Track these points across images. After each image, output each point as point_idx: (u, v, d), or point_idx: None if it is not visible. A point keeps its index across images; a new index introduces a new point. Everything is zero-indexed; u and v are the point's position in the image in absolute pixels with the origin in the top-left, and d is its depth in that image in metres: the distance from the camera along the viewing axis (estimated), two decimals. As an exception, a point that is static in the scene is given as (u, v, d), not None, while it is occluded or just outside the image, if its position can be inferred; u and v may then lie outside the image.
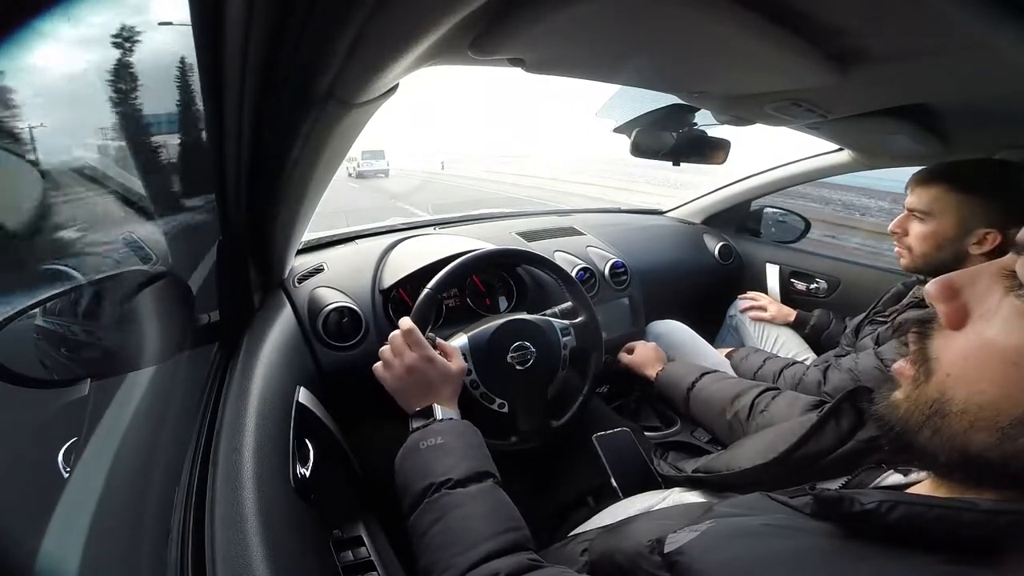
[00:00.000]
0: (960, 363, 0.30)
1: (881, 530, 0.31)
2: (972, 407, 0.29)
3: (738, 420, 0.75)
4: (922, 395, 0.32)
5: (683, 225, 1.65)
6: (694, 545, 0.37)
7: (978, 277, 0.31)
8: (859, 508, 0.31)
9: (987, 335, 0.29)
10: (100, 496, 0.57)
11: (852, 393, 0.53)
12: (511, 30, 0.50)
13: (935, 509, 0.29)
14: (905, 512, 0.30)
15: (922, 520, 0.29)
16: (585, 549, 0.56)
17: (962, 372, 0.30)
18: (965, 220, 0.83)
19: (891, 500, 0.31)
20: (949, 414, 0.30)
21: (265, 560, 0.40)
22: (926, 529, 0.29)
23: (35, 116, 0.69)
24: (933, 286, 0.32)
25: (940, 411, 0.30)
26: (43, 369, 0.53)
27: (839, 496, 0.33)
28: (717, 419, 0.80)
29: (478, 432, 0.64)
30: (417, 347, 0.68)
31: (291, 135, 0.52)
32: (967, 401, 0.29)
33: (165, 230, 1.04)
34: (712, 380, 0.85)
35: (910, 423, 0.32)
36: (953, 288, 0.31)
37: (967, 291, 0.31)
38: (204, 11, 0.38)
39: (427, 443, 0.59)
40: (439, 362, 0.68)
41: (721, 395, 0.80)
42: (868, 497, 0.31)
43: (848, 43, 0.54)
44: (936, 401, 0.30)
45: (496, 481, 0.57)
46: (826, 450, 0.52)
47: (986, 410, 0.28)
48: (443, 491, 0.54)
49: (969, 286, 0.31)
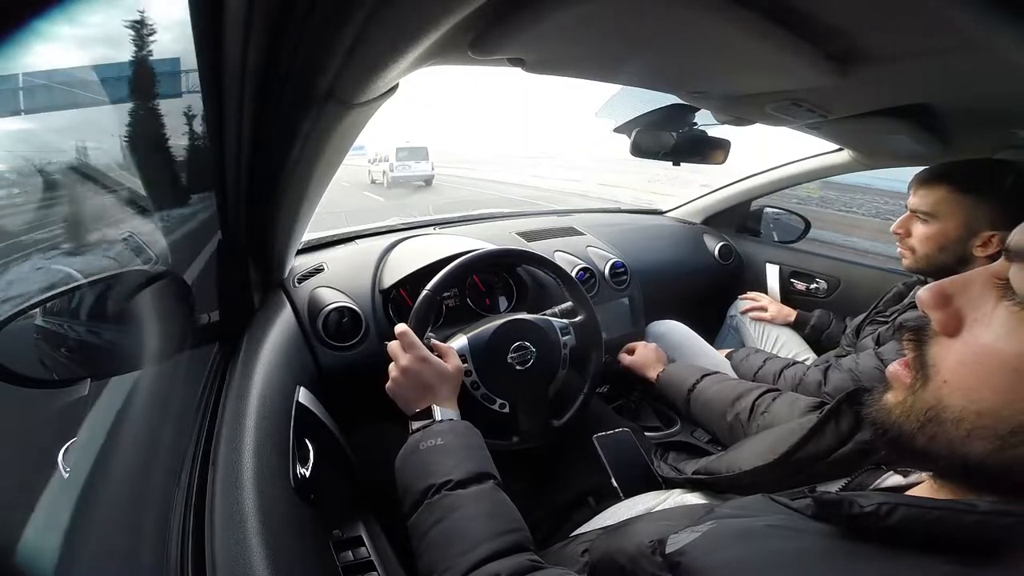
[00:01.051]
0: (958, 370, 0.30)
1: (882, 532, 0.31)
2: (970, 415, 0.29)
3: (739, 422, 0.75)
4: (917, 401, 0.31)
5: (683, 225, 1.65)
6: (695, 546, 0.37)
7: (970, 284, 0.31)
8: (859, 510, 0.31)
9: (985, 341, 0.29)
10: (100, 496, 0.57)
11: (851, 395, 0.53)
12: (511, 30, 0.50)
13: (935, 511, 0.29)
14: (905, 514, 0.30)
15: (922, 522, 0.29)
16: (586, 550, 0.56)
17: (960, 379, 0.29)
18: (969, 222, 0.82)
19: (891, 502, 0.31)
20: (945, 421, 0.30)
21: (265, 560, 0.40)
22: (926, 531, 0.29)
23: (35, 116, 0.69)
24: (926, 293, 0.32)
25: (935, 418, 0.30)
26: (43, 369, 0.53)
27: (839, 498, 0.33)
28: (718, 421, 0.79)
29: (478, 432, 0.64)
30: (412, 349, 0.68)
31: (291, 135, 0.52)
32: (964, 409, 0.29)
33: (165, 230, 1.04)
34: (713, 382, 0.85)
35: (904, 428, 0.32)
36: (945, 295, 0.31)
37: (959, 298, 0.31)
38: (204, 11, 0.38)
39: (427, 444, 0.59)
40: (435, 362, 0.68)
41: (722, 397, 0.80)
42: (868, 499, 0.31)
43: (848, 43, 0.54)
44: (932, 408, 0.30)
45: (496, 482, 0.57)
46: (826, 451, 0.52)
47: (985, 418, 0.28)
48: (443, 492, 0.54)
49: (961, 293, 0.31)
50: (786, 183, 1.50)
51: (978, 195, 0.82)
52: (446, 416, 0.65)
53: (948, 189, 0.84)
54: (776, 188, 1.52)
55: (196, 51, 0.42)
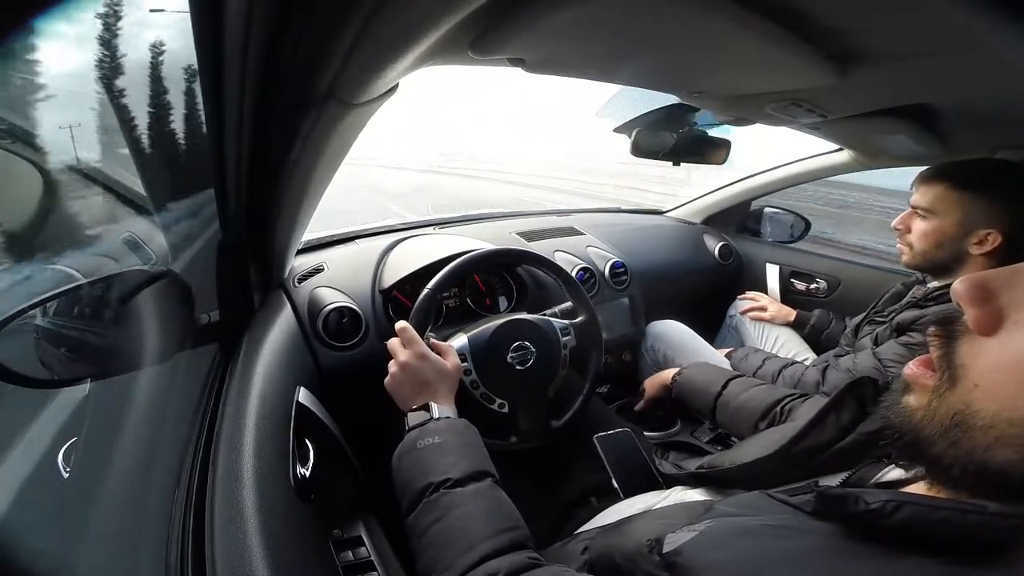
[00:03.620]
0: (993, 375, 0.27)
1: (883, 531, 0.30)
2: (1001, 423, 0.26)
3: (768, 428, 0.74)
4: (943, 405, 0.29)
5: (683, 225, 1.65)
6: (692, 545, 0.37)
7: (1019, 279, 0.27)
8: (864, 507, 0.31)
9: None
10: (100, 496, 0.57)
11: (853, 385, 0.53)
12: (511, 30, 0.50)
13: (941, 511, 0.28)
14: (911, 513, 0.29)
15: (927, 522, 0.29)
16: (586, 547, 0.56)
17: (995, 385, 0.27)
18: (966, 219, 0.83)
19: (896, 500, 0.30)
20: (972, 428, 0.27)
21: (265, 560, 0.40)
22: (929, 530, 0.29)
23: (35, 116, 0.69)
24: (963, 285, 0.28)
25: (962, 423, 0.28)
26: (43, 369, 0.53)
27: (843, 494, 0.33)
28: (747, 430, 0.77)
29: (476, 431, 0.64)
30: (411, 344, 0.68)
31: (291, 135, 0.52)
32: (996, 416, 0.26)
33: (165, 230, 1.04)
34: (740, 388, 0.82)
35: (925, 433, 0.30)
36: (987, 289, 0.28)
37: (1004, 294, 0.27)
38: (204, 11, 0.38)
39: (424, 442, 0.59)
40: (434, 359, 0.68)
41: (752, 406, 0.77)
42: (873, 496, 0.31)
43: (848, 43, 0.54)
44: (959, 413, 0.28)
45: (495, 480, 0.57)
46: (827, 443, 0.52)
47: (1017, 427, 0.26)
48: (442, 491, 0.53)
49: (1007, 289, 0.27)
50: (786, 183, 1.50)
51: (976, 193, 0.82)
52: (443, 414, 0.64)
53: (947, 186, 0.85)
54: (776, 188, 1.52)
55: (196, 51, 0.42)
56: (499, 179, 11.76)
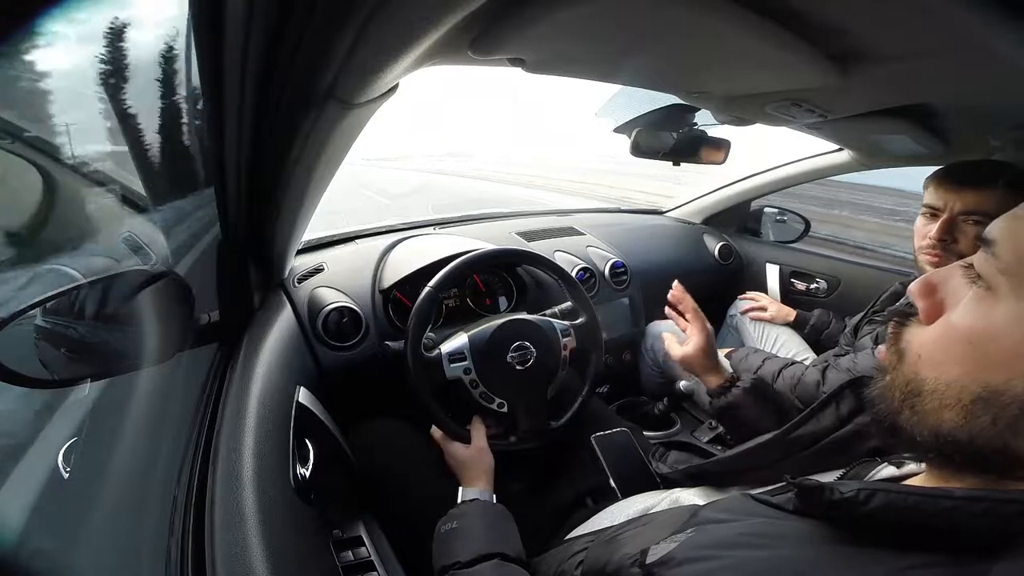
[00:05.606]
0: (928, 346, 0.32)
1: (863, 526, 0.31)
2: (940, 386, 0.31)
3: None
4: (898, 377, 0.34)
5: (683, 225, 1.65)
6: (672, 557, 0.38)
7: (951, 275, 0.33)
8: (838, 496, 0.32)
9: (951, 320, 0.32)
10: (100, 496, 0.57)
11: (854, 381, 0.53)
12: (511, 30, 0.50)
13: (911, 497, 0.30)
14: (883, 500, 0.31)
15: (899, 508, 0.30)
16: (580, 552, 0.56)
17: (930, 354, 0.32)
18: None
19: (869, 488, 0.32)
20: (922, 393, 0.32)
21: (265, 560, 0.40)
22: (904, 518, 0.30)
23: (35, 116, 0.69)
24: (916, 284, 0.35)
25: (914, 391, 0.32)
26: (43, 369, 0.53)
27: (819, 485, 0.34)
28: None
29: (499, 509, 0.67)
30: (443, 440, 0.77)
31: (291, 135, 0.52)
32: (936, 380, 0.31)
33: (165, 230, 1.04)
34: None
35: (892, 405, 0.34)
36: (930, 285, 0.34)
37: (942, 288, 0.33)
38: (204, 11, 0.38)
39: (444, 528, 0.63)
40: (453, 448, 0.76)
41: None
42: (847, 486, 0.33)
43: (848, 43, 0.54)
44: (910, 382, 0.33)
45: (504, 558, 0.59)
46: (824, 431, 0.52)
47: (952, 388, 0.30)
48: (449, 573, 0.57)
49: (943, 283, 0.34)
50: (786, 183, 1.50)
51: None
52: (468, 497, 0.69)
53: (1007, 190, 0.78)
54: (776, 188, 1.52)
55: (196, 51, 0.42)
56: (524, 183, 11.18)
